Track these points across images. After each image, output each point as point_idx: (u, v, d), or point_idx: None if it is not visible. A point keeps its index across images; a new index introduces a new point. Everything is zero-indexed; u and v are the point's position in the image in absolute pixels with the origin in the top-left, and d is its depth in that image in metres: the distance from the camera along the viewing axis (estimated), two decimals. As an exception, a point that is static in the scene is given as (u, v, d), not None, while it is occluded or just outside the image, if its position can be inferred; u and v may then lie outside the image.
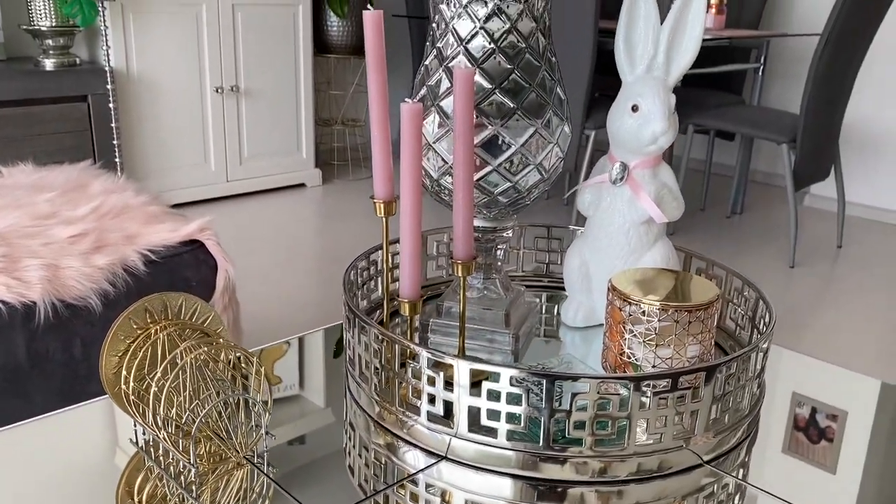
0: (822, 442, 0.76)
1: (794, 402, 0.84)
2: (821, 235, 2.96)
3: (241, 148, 3.17)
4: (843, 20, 2.35)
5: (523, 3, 0.77)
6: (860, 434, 0.77)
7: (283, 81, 3.24)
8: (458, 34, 0.78)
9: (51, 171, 1.49)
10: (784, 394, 0.86)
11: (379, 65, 0.75)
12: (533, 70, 0.79)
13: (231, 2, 2.99)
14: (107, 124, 2.69)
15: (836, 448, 0.75)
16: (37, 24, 2.59)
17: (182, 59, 2.90)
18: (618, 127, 0.84)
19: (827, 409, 0.83)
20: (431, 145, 0.81)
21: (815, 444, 0.75)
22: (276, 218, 2.98)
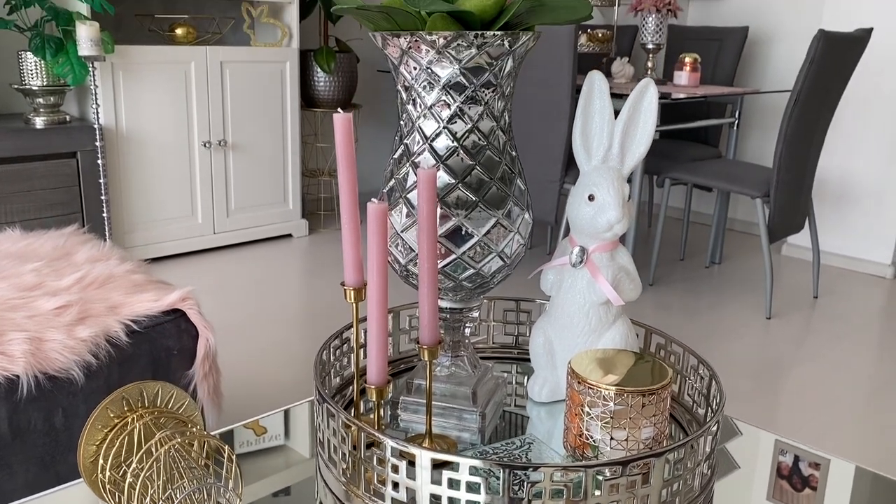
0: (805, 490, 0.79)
1: (776, 450, 0.87)
2: (797, 285, 3.02)
3: (228, 200, 3.22)
4: (810, 80, 2.45)
5: (483, 106, 0.82)
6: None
7: (271, 135, 3.31)
8: (423, 132, 0.83)
9: (38, 238, 1.53)
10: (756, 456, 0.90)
11: (349, 162, 0.80)
12: (494, 165, 0.84)
13: (219, 59, 3.06)
14: (95, 180, 2.74)
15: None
16: (28, 83, 2.65)
17: (171, 114, 2.96)
18: (576, 214, 0.89)
19: (809, 456, 0.86)
20: (399, 234, 0.85)
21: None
22: (262, 269, 3.01)
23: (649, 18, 3.01)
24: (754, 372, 2.23)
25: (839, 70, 2.56)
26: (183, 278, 2.86)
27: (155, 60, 2.87)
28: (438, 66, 0.79)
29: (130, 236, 2.93)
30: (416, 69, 0.81)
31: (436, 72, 0.80)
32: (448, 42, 0.77)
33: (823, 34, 2.38)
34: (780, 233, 2.68)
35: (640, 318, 2.59)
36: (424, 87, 0.81)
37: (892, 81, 3.00)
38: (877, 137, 3.07)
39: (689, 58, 2.94)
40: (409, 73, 0.82)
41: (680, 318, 2.63)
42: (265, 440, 0.90)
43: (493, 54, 0.79)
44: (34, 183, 2.63)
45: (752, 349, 2.40)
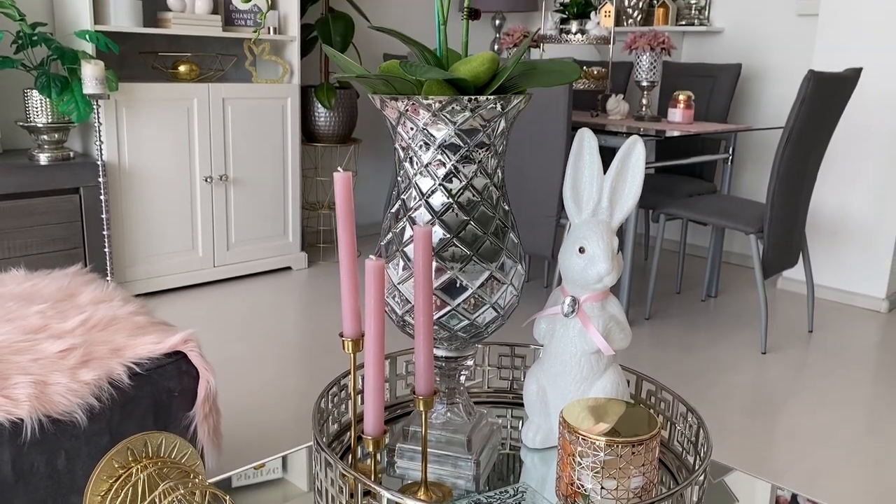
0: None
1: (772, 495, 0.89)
2: (793, 319, 3.04)
3: (228, 234, 3.25)
4: (802, 119, 2.49)
5: (477, 164, 0.86)
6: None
7: (272, 169, 3.35)
8: (420, 189, 0.86)
9: (42, 279, 1.56)
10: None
11: (348, 219, 0.83)
12: (487, 220, 0.87)
13: (222, 95, 3.12)
14: (97, 215, 2.77)
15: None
16: (33, 120, 2.69)
17: (173, 150, 3.00)
18: (567, 266, 0.92)
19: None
20: (396, 286, 0.88)
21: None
22: (261, 303, 3.03)
23: (643, 57, 3.07)
24: (750, 408, 2.25)
25: (830, 108, 2.61)
26: (183, 312, 2.88)
27: (158, 97, 2.92)
28: (434, 127, 0.83)
29: (132, 270, 2.96)
30: (412, 130, 0.84)
31: (432, 133, 0.83)
32: (443, 106, 0.81)
33: (814, 74, 2.43)
34: (774, 268, 2.71)
35: (638, 353, 2.62)
36: (421, 146, 0.85)
37: (883, 118, 3.05)
38: (869, 172, 3.11)
39: (682, 95, 3.00)
40: (407, 134, 0.85)
41: (676, 353, 2.65)
42: (263, 473, 0.92)
43: (486, 116, 0.83)
44: (37, 218, 2.67)
45: (747, 385, 2.41)
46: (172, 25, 2.96)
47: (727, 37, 3.72)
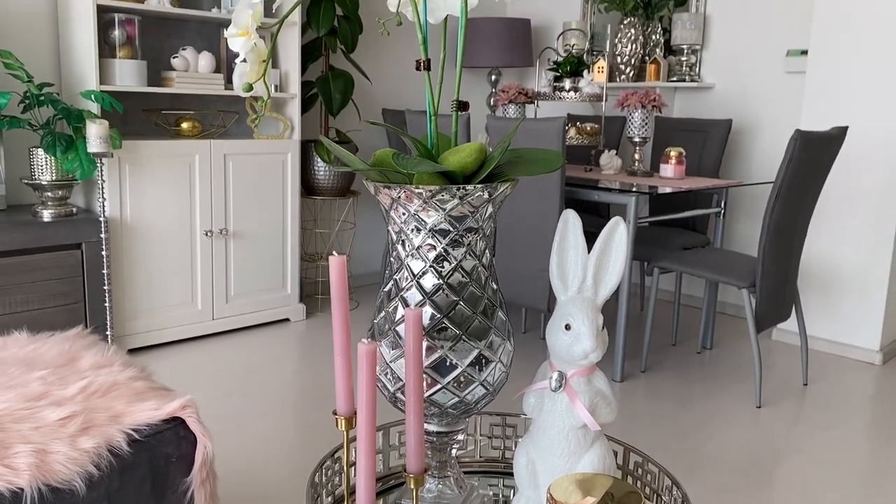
0: None
1: None
2: (787, 372, 3.06)
3: (227, 287, 3.29)
4: (790, 177, 2.55)
5: (466, 247, 0.90)
6: None
7: (271, 222, 3.40)
8: (411, 270, 0.90)
9: (44, 342, 1.59)
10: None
11: (342, 301, 0.87)
12: (476, 300, 0.90)
13: (223, 151, 3.18)
14: (98, 270, 2.81)
15: None
16: (38, 178, 2.75)
17: (174, 205, 3.06)
18: (553, 342, 0.96)
19: None
20: (388, 364, 0.91)
21: None
22: (260, 355, 3.05)
23: (635, 114, 3.14)
24: (745, 463, 2.26)
25: (817, 166, 2.67)
26: (182, 366, 2.90)
27: (161, 154, 2.99)
28: (425, 213, 0.87)
29: (132, 323, 2.99)
30: (405, 215, 0.89)
31: (423, 218, 0.88)
32: (434, 194, 0.85)
33: (800, 134, 2.49)
34: (767, 322, 2.74)
35: (634, 407, 2.63)
36: (413, 230, 0.89)
37: (871, 173, 3.11)
38: (859, 225, 3.16)
39: (674, 151, 3.06)
40: (399, 218, 0.89)
41: (672, 407, 2.67)
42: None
43: (474, 203, 0.87)
44: (39, 274, 2.70)
45: (742, 440, 2.42)
46: (176, 84, 3.04)
47: (718, 93, 3.81)
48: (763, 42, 3.64)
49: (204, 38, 3.39)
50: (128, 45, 2.95)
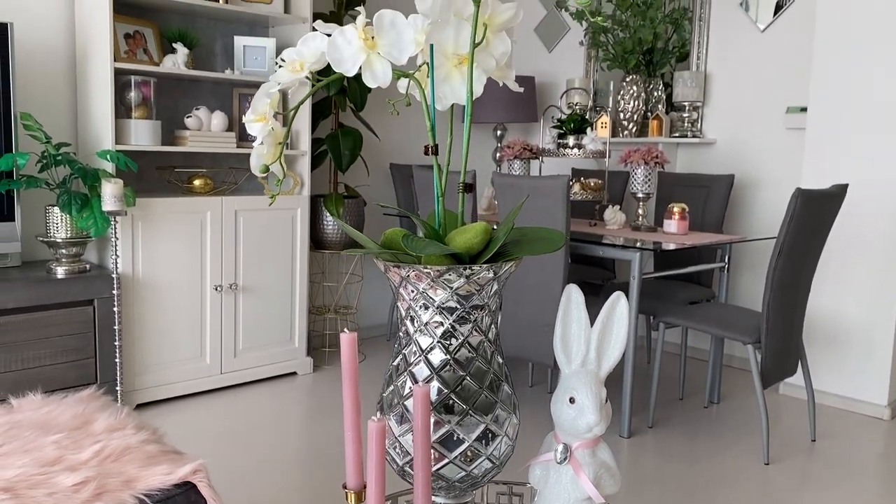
0: None
1: None
2: (795, 428, 3.05)
3: (236, 341, 3.31)
4: (792, 234, 2.59)
5: (472, 323, 0.93)
6: None
7: (280, 276, 3.44)
8: (420, 346, 0.94)
9: (58, 405, 1.61)
10: None
11: (353, 378, 0.90)
12: (482, 374, 0.94)
13: (234, 208, 3.24)
14: (110, 326, 2.85)
15: None
16: (53, 235, 2.81)
17: (185, 260, 3.11)
18: (558, 415, 0.98)
19: None
20: (397, 438, 0.94)
21: None
22: (267, 409, 3.06)
23: (638, 170, 3.20)
24: (754, 524, 2.24)
25: (819, 223, 2.71)
26: (191, 421, 2.91)
27: (173, 211, 3.05)
28: (433, 291, 0.91)
29: (141, 378, 3.01)
30: (413, 292, 0.92)
31: (431, 296, 0.91)
32: (441, 273, 0.89)
33: (801, 192, 2.54)
34: (773, 378, 2.74)
35: (642, 465, 2.62)
36: (421, 307, 0.93)
37: (874, 228, 3.15)
38: (864, 279, 3.18)
39: (677, 207, 3.11)
40: (408, 295, 0.93)
41: (680, 464, 2.66)
42: None
43: (480, 282, 0.91)
44: (51, 330, 2.74)
45: (750, 499, 2.41)
46: (189, 143, 3.11)
47: (719, 148, 3.87)
48: (763, 99, 3.71)
49: (217, 97, 3.48)
50: (143, 106, 3.04)
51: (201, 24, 3.40)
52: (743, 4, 3.76)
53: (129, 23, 3.09)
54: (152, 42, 3.16)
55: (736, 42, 3.80)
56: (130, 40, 3.08)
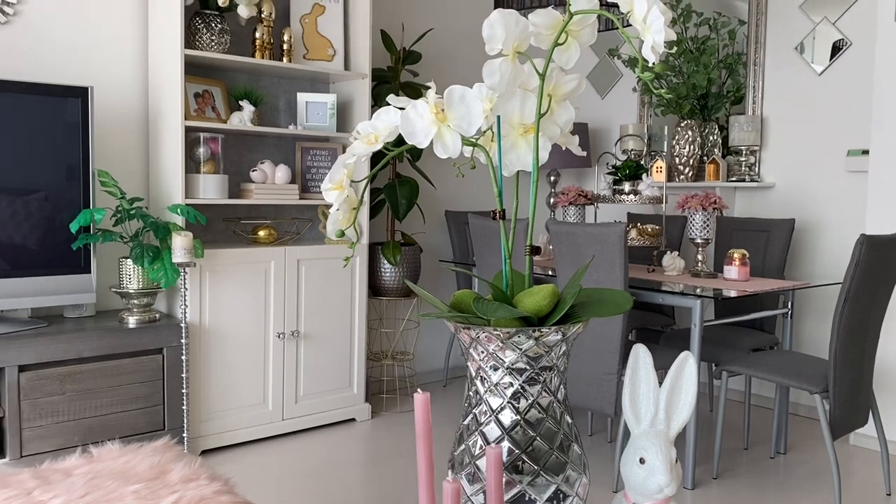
0: None
1: None
2: (868, 481, 2.94)
3: (297, 387, 3.38)
4: (858, 281, 2.53)
5: (542, 384, 0.95)
6: None
7: (339, 323, 3.51)
8: (490, 405, 0.96)
9: (135, 454, 1.68)
10: None
11: (427, 438, 0.93)
12: (552, 435, 0.95)
13: (297, 257, 3.34)
14: (178, 374, 2.94)
15: None
16: (125, 286, 2.93)
17: (250, 309, 3.20)
18: (628, 475, 0.99)
19: None
20: (469, 497, 0.96)
21: None
22: (327, 456, 3.10)
23: (696, 215, 3.18)
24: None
25: (886, 268, 2.64)
26: (253, 468, 2.97)
27: (239, 261, 3.15)
28: (502, 353, 0.94)
29: (206, 425, 3.09)
30: (483, 353, 0.95)
31: (501, 357, 0.94)
32: (511, 335, 0.92)
33: (866, 238, 2.49)
34: (843, 429, 2.66)
35: (705, 519, 2.56)
36: (491, 368, 0.95)
37: (944, 273, 3.05)
38: (935, 327, 3.08)
39: (737, 253, 3.08)
40: (478, 356, 0.96)
41: (746, 517, 2.59)
42: None
43: (549, 343, 0.93)
44: (123, 378, 2.84)
45: (824, 556, 2.33)
46: (255, 196, 3.23)
47: (779, 192, 3.83)
48: (823, 141, 3.67)
49: (280, 151, 3.61)
50: (211, 161, 3.18)
51: (266, 81, 3.55)
52: (798, 48, 3.75)
53: (199, 83, 3.25)
54: (220, 100, 3.31)
55: (792, 85, 3.78)
56: (200, 99, 3.24)
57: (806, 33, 3.72)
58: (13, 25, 2.92)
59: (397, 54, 3.78)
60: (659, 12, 0.86)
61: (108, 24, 3.14)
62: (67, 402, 2.71)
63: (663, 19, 0.86)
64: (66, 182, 2.83)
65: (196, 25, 3.09)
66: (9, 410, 2.60)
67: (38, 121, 2.76)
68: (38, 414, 2.65)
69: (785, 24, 3.80)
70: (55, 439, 2.69)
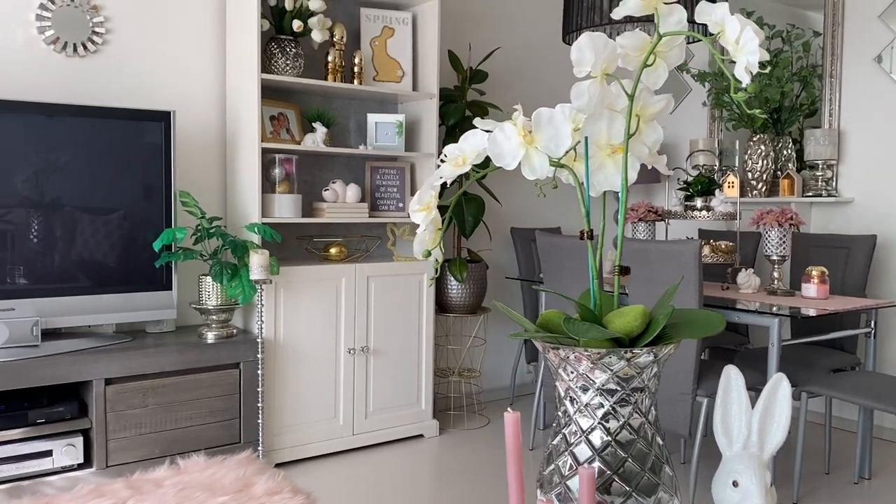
0: None
1: None
2: (962, 509, 2.80)
3: (367, 403, 3.42)
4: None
5: (633, 405, 0.95)
6: None
7: (407, 340, 3.54)
8: (580, 426, 0.96)
9: (220, 467, 1.73)
10: None
11: (517, 458, 0.94)
12: (644, 456, 0.95)
13: (367, 274, 3.39)
14: (253, 388, 3.02)
15: None
16: (205, 303, 3.03)
17: (321, 325, 3.26)
18: (721, 498, 0.98)
19: None
20: (560, 517, 0.96)
21: None
22: (397, 471, 3.12)
23: (772, 232, 3.11)
24: None
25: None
26: (325, 482, 3.01)
27: (311, 278, 3.23)
28: (593, 373, 0.94)
29: (279, 438, 3.15)
30: (573, 374, 0.96)
31: (591, 378, 0.94)
32: (601, 356, 0.92)
33: (956, 255, 2.39)
34: (934, 454, 2.55)
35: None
36: (580, 388, 0.96)
37: None
38: None
39: (815, 271, 2.99)
40: (568, 376, 0.97)
41: (831, 545, 2.49)
42: None
43: (640, 364, 0.93)
44: (201, 392, 2.93)
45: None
46: (326, 214, 3.30)
47: (858, 207, 3.70)
48: (905, 154, 3.54)
49: (351, 170, 3.69)
50: (286, 181, 3.27)
51: (337, 103, 3.64)
52: (877, 59, 3.63)
53: (274, 105, 3.36)
54: (294, 122, 3.41)
55: (871, 97, 3.67)
56: (275, 121, 3.34)
57: (886, 44, 3.61)
58: (102, 55, 3.08)
59: (464, 73, 3.82)
60: (752, 33, 0.86)
61: (188, 52, 3.27)
62: (150, 414, 2.81)
63: (757, 40, 0.86)
64: (149, 202, 2.95)
65: (272, 50, 3.20)
66: (96, 422, 2.71)
67: (123, 144, 2.89)
68: (122, 426, 2.76)
69: (863, 34, 3.69)
70: (138, 450, 2.79)
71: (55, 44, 2.97)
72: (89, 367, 2.69)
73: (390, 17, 3.58)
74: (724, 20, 0.90)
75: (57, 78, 2.99)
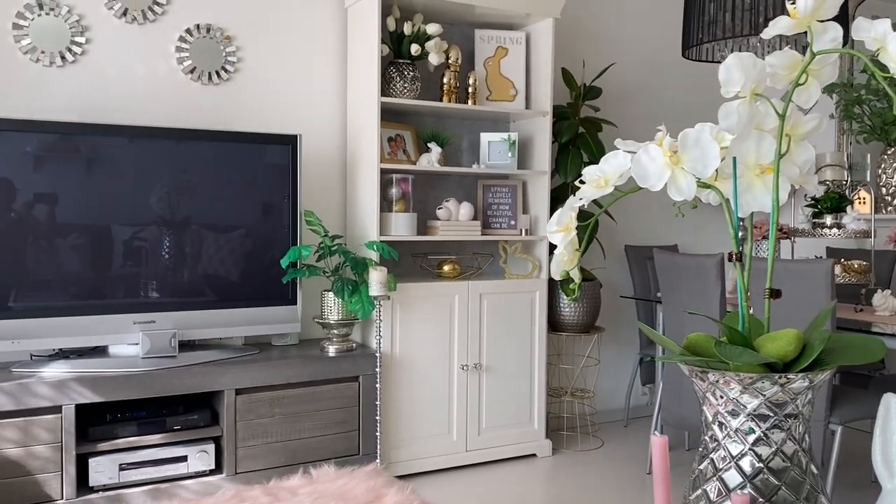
0: None
1: None
2: None
3: (479, 419, 3.44)
4: None
5: (786, 432, 0.92)
6: None
7: (519, 357, 3.54)
8: (729, 451, 0.94)
9: (350, 478, 1.79)
10: None
11: (664, 481, 0.93)
12: (798, 485, 0.92)
13: (479, 291, 3.42)
14: (371, 401, 3.10)
15: None
16: (326, 317, 3.15)
17: (435, 341, 3.31)
18: (883, 534, 0.93)
19: None
20: (708, 544, 0.94)
21: None
22: (511, 490, 3.12)
23: (911, 251, 2.92)
24: None
25: None
26: (441, 497, 3.05)
27: (426, 294, 3.29)
28: (743, 398, 0.92)
29: (396, 452, 3.22)
30: (722, 398, 0.94)
31: (741, 403, 0.92)
32: (753, 381, 0.90)
33: None
34: None
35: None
36: (730, 413, 0.94)
37: None
38: None
39: (963, 292, 2.78)
40: (716, 401, 0.95)
41: None
42: None
43: (795, 390, 0.90)
44: (323, 404, 3.04)
45: None
46: (440, 232, 3.37)
47: None
48: None
49: (463, 189, 3.74)
50: (402, 200, 3.35)
51: (450, 123, 3.71)
52: None
53: (391, 127, 3.46)
54: (410, 143, 3.50)
55: None
56: (392, 143, 3.44)
57: None
58: (233, 83, 3.27)
59: (578, 90, 3.81)
60: (919, 49, 0.83)
61: (312, 77, 3.43)
62: (276, 424, 2.94)
63: (924, 55, 0.83)
64: (276, 221, 3.10)
65: (390, 74, 3.30)
66: (226, 430, 2.85)
67: (252, 166, 3.05)
68: (250, 434, 2.89)
69: None
70: (265, 458, 2.92)
71: (192, 73, 3.18)
72: (221, 378, 2.84)
73: (504, 37, 3.62)
74: (885, 37, 0.87)
75: (194, 104, 3.20)
